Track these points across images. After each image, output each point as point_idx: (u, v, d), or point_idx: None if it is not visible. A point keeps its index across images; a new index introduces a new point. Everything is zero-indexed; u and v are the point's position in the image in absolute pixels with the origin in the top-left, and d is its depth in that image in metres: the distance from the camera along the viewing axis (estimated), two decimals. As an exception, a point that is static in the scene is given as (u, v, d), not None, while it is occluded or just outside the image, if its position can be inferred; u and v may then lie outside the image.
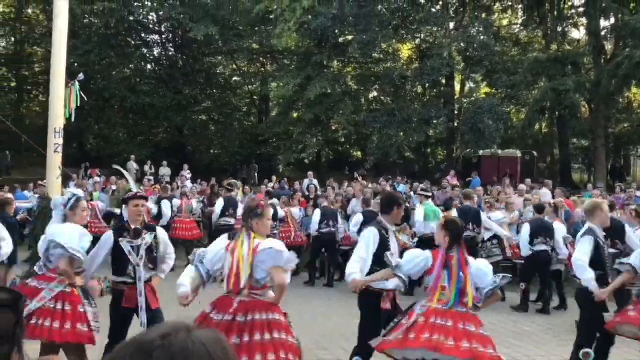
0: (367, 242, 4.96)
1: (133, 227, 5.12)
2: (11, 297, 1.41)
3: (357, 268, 4.85)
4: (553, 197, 12.28)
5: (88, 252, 5.02)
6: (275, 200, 12.15)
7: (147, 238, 5.11)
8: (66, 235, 4.82)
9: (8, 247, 6.54)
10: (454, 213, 9.05)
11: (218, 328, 4.05)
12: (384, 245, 4.94)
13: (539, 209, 9.52)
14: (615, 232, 8.04)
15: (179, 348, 0.95)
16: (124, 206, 5.13)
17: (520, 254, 9.48)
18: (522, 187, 13.44)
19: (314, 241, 11.32)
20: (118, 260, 5.07)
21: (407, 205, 11.10)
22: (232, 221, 11.23)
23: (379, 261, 4.85)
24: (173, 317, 4.81)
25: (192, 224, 12.80)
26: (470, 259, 4.68)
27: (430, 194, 11.32)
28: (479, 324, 4.45)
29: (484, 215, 10.01)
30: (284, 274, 4.31)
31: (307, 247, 11.92)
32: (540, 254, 8.98)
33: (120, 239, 5.03)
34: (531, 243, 8.97)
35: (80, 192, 5.11)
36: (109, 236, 5.13)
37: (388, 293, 4.95)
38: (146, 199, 5.68)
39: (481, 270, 4.64)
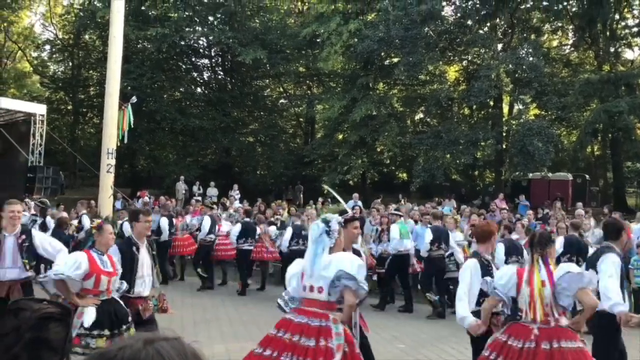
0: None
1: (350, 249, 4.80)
2: (63, 311, 1.45)
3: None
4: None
5: None
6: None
7: None
8: (347, 263, 4.24)
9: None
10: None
11: (517, 355, 4.23)
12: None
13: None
14: (578, 250, 8.86)
15: (129, 357, 1.02)
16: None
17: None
18: (579, 212, 12.88)
19: (284, 258, 11.52)
20: None
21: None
22: (212, 237, 12.32)
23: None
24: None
25: (188, 239, 13.16)
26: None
27: (401, 214, 11.90)
28: None
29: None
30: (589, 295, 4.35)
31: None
32: None
33: None
34: (506, 262, 8.88)
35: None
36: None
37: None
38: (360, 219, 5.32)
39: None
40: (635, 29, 24.28)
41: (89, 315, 4.73)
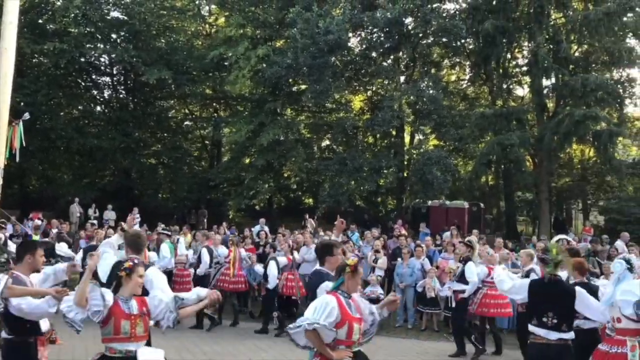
0: None
1: None
2: None
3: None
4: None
5: None
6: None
7: None
8: None
9: None
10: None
11: None
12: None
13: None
14: None
15: None
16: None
17: None
18: (472, 238, 13.43)
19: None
20: None
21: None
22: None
23: None
24: None
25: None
26: None
27: (169, 234, 12.59)
28: None
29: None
30: None
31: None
32: None
33: None
34: None
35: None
36: None
37: None
38: None
39: None
40: (524, 68, 26.04)
41: None
